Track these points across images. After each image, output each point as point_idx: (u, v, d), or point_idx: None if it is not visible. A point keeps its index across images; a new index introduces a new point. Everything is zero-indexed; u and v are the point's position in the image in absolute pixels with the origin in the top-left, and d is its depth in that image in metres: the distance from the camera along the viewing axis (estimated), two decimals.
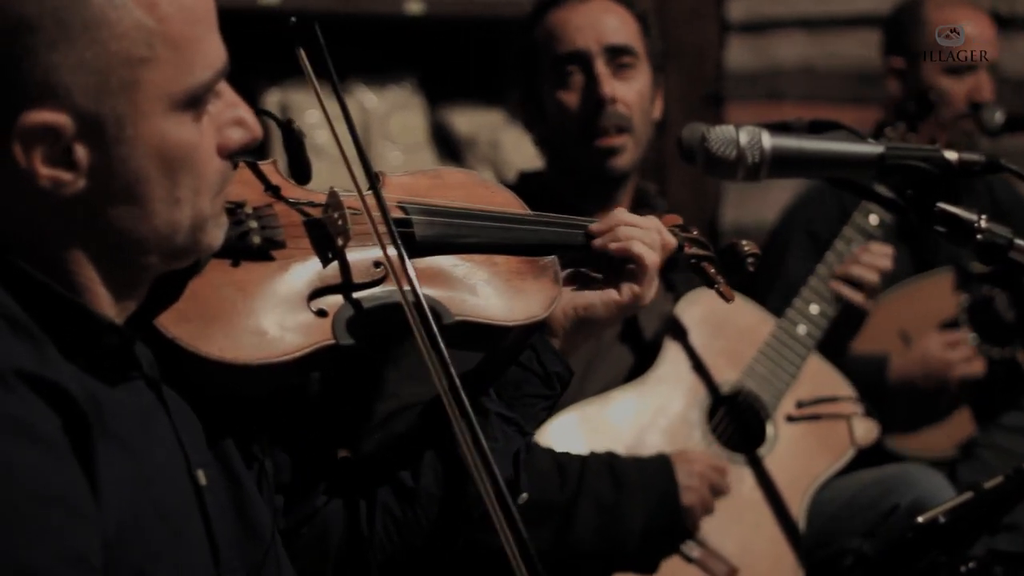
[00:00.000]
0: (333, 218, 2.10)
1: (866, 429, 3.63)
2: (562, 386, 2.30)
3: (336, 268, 2.09)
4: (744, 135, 2.27)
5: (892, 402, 4.11)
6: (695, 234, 2.49)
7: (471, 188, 2.32)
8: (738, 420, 3.52)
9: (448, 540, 2.26)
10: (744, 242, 2.51)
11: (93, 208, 1.82)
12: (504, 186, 2.39)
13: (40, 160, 1.78)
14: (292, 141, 2.18)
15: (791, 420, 3.57)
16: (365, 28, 4.75)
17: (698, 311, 3.55)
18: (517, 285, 2.22)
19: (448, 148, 5.12)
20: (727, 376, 3.53)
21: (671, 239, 2.35)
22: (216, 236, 1.94)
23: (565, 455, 3.14)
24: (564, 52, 3.47)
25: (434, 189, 2.27)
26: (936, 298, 4.27)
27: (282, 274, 2.05)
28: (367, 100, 4.92)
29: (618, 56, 3.46)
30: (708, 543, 3.36)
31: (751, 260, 2.49)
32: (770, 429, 3.54)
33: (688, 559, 3.33)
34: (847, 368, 3.80)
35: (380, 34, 4.91)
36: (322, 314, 2.04)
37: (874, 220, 3.81)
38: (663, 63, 3.62)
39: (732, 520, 3.41)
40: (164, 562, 1.84)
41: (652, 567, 3.25)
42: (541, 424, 2.31)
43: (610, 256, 2.30)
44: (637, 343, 3.49)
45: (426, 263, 2.16)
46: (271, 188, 2.14)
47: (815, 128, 2.51)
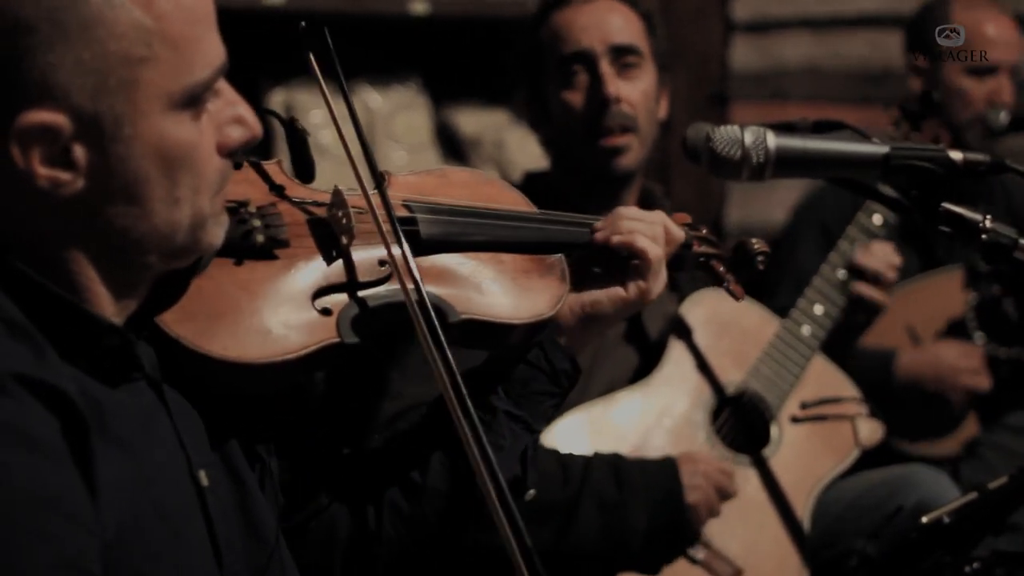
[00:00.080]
0: (337, 217, 2.10)
1: (871, 430, 3.63)
2: (570, 384, 2.30)
3: (341, 267, 2.09)
4: (749, 135, 2.26)
5: (896, 399, 4.11)
6: (704, 232, 2.49)
7: (476, 187, 2.32)
8: (742, 421, 3.52)
9: (455, 536, 2.26)
10: (754, 240, 2.51)
11: (92, 208, 1.82)
12: (510, 185, 2.40)
13: (38, 160, 1.78)
14: (295, 139, 2.18)
15: (795, 421, 3.57)
16: (370, 28, 4.75)
17: (702, 312, 3.55)
18: (523, 283, 2.22)
19: (452, 148, 5.12)
20: (732, 377, 3.53)
21: (678, 232, 2.35)
22: (216, 235, 1.93)
23: (569, 455, 3.14)
24: (569, 52, 3.47)
25: (439, 188, 2.27)
26: (945, 296, 4.27)
27: (286, 273, 2.04)
28: (371, 100, 4.92)
29: (623, 56, 3.46)
30: (713, 544, 3.36)
31: (761, 258, 2.49)
32: (774, 430, 3.54)
33: (693, 560, 3.33)
34: (854, 361, 3.81)
35: (385, 34, 4.91)
36: (327, 313, 2.04)
37: (878, 220, 3.81)
38: (668, 63, 3.62)
39: (737, 521, 3.40)
40: (164, 563, 1.84)
41: (656, 568, 3.25)
42: (549, 421, 2.32)
43: (615, 252, 2.30)
44: (642, 344, 3.49)
45: (432, 261, 2.16)
46: (275, 187, 2.14)
47: (820, 128, 2.51)
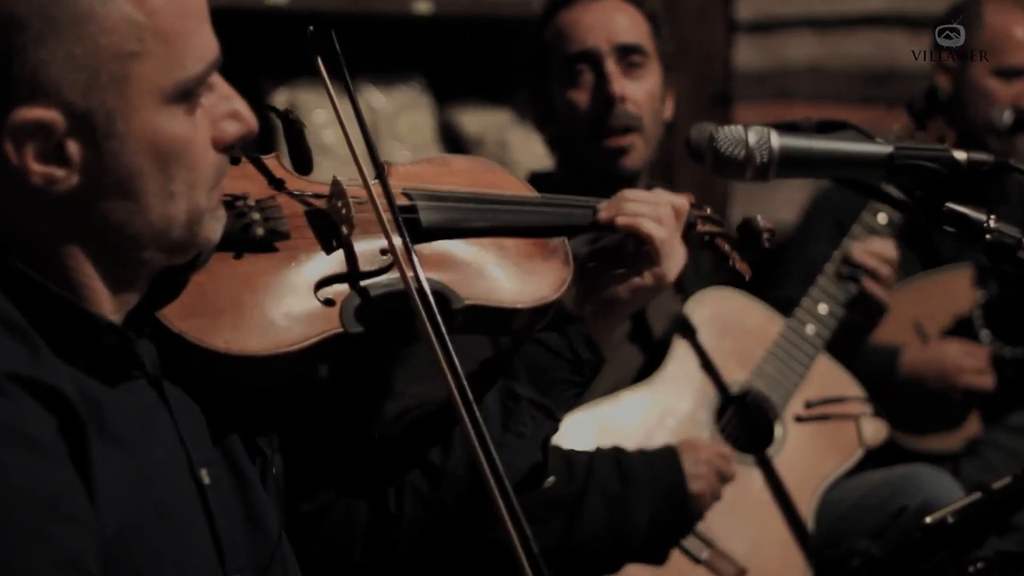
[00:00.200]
0: (337, 207, 2.10)
1: (875, 429, 3.62)
2: (592, 373, 2.31)
3: (342, 257, 2.09)
4: (753, 135, 2.26)
5: (899, 394, 4.11)
6: (708, 212, 2.49)
7: (477, 173, 2.33)
8: (747, 420, 3.52)
9: (475, 520, 2.26)
10: (759, 217, 2.51)
11: (87, 204, 1.82)
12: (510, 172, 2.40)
13: (32, 157, 1.78)
14: (291, 131, 2.19)
15: (800, 420, 3.57)
16: (373, 28, 4.75)
17: (707, 311, 3.55)
18: (526, 267, 2.23)
19: (456, 148, 5.11)
20: (736, 376, 3.53)
21: (684, 206, 2.34)
22: (214, 230, 1.93)
23: (572, 451, 3.15)
24: (574, 51, 3.47)
25: (440, 175, 2.28)
26: (953, 293, 4.27)
27: (287, 265, 2.05)
28: (375, 100, 4.92)
29: (628, 55, 3.46)
30: (717, 544, 3.36)
31: (767, 235, 2.49)
32: (779, 430, 3.54)
33: (697, 560, 3.33)
34: (859, 356, 3.81)
35: (388, 34, 4.90)
36: (329, 303, 2.04)
37: (883, 219, 3.81)
38: (674, 63, 3.62)
39: (741, 521, 3.40)
40: (165, 562, 1.84)
41: (661, 558, 3.26)
42: (570, 410, 2.33)
43: (625, 242, 2.30)
44: (646, 343, 3.49)
45: (433, 248, 2.17)
46: (274, 181, 2.14)
47: (824, 128, 2.50)
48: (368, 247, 2.10)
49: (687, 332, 3.51)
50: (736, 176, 2.29)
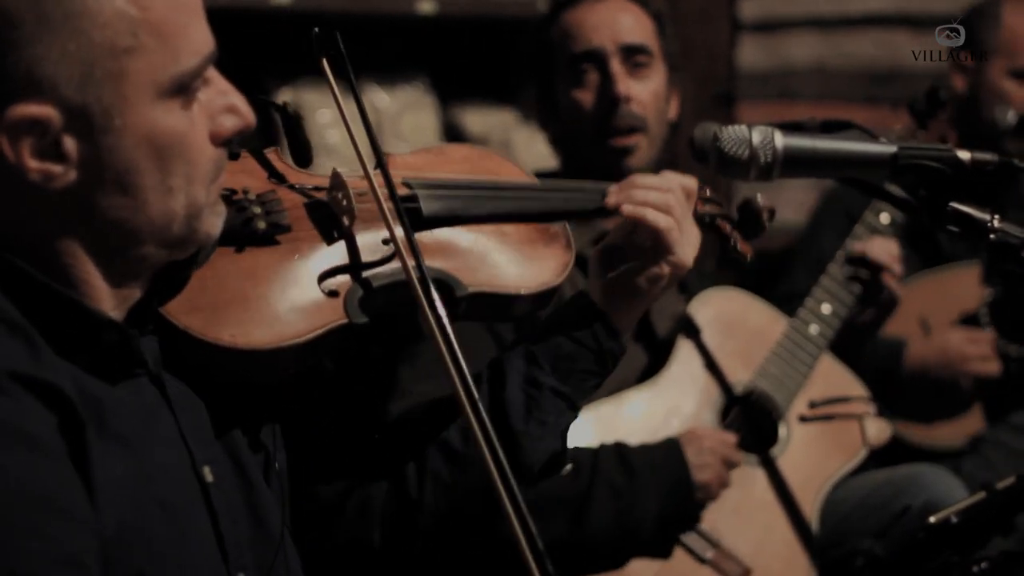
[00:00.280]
0: (338, 198, 2.11)
1: (879, 429, 3.62)
2: (613, 364, 2.32)
3: (344, 248, 2.10)
4: (757, 135, 2.26)
5: (905, 387, 4.11)
6: (708, 193, 2.49)
7: (476, 161, 2.33)
8: (751, 421, 3.52)
9: (494, 508, 2.26)
10: (758, 196, 2.51)
11: (86, 200, 1.82)
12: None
13: (29, 154, 1.78)
14: (289, 123, 2.19)
15: (804, 420, 3.57)
16: (377, 28, 4.74)
17: (711, 311, 3.55)
18: (528, 253, 2.23)
19: None
20: (740, 376, 3.53)
21: (694, 187, 2.34)
22: (214, 225, 1.94)
23: (576, 448, 3.15)
24: (579, 51, 3.47)
25: (438, 164, 2.29)
26: (960, 290, 4.27)
27: (290, 257, 2.05)
28: (379, 100, 4.92)
29: (633, 55, 3.46)
30: (722, 544, 3.36)
31: (767, 215, 2.49)
32: (783, 430, 3.53)
33: (702, 560, 3.33)
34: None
35: (392, 34, 4.90)
36: (333, 295, 2.05)
37: (885, 219, 3.81)
38: (679, 63, 3.62)
39: (745, 521, 3.40)
40: (167, 561, 1.84)
41: (668, 551, 3.26)
42: (587, 399, 2.34)
43: (635, 232, 2.30)
44: (650, 343, 3.49)
45: (435, 237, 2.17)
46: (274, 175, 2.14)
47: (827, 128, 2.51)
48: (370, 237, 2.11)
49: (691, 332, 3.50)
50: (740, 176, 2.29)
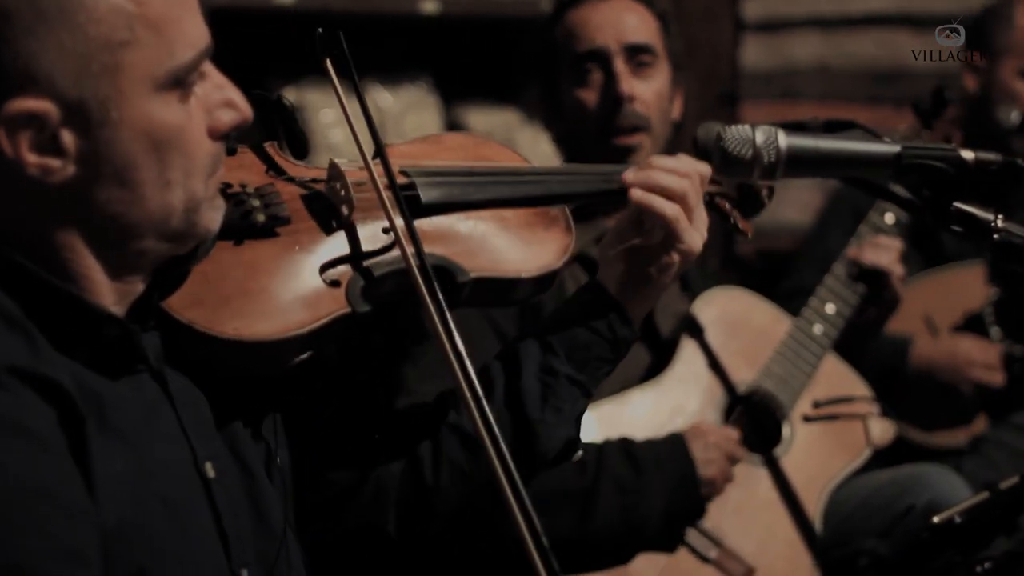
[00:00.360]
0: (336, 189, 2.12)
1: (882, 429, 3.62)
2: (625, 351, 2.33)
3: (344, 238, 2.10)
4: (760, 134, 2.26)
5: (909, 386, 4.11)
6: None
7: (471, 148, 2.34)
8: (755, 420, 3.52)
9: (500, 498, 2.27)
10: None
11: (84, 194, 1.82)
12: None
13: (27, 148, 1.79)
14: (284, 116, 2.19)
15: (807, 420, 3.57)
16: (380, 27, 4.75)
17: (714, 311, 3.55)
18: (528, 237, 2.24)
19: None
20: (744, 376, 3.53)
21: (708, 172, 2.33)
22: (212, 219, 1.94)
23: (582, 444, 3.16)
24: (583, 50, 3.47)
25: (435, 153, 2.30)
26: (966, 289, 4.27)
27: (290, 249, 2.06)
28: (382, 99, 4.92)
29: (637, 55, 3.46)
30: (725, 543, 3.36)
31: (767, 193, 2.48)
32: (786, 429, 3.53)
33: (705, 559, 3.33)
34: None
35: (395, 33, 4.90)
36: (335, 284, 2.05)
37: (890, 219, 3.81)
38: (683, 63, 3.62)
39: (749, 520, 3.40)
40: (169, 557, 1.85)
41: (673, 546, 3.27)
42: (598, 386, 2.34)
43: (642, 218, 2.30)
44: (653, 342, 3.49)
45: (435, 224, 2.18)
46: (271, 168, 2.15)
47: (830, 127, 2.50)
48: (370, 227, 2.12)
49: (695, 332, 3.50)
50: (743, 176, 2.29)
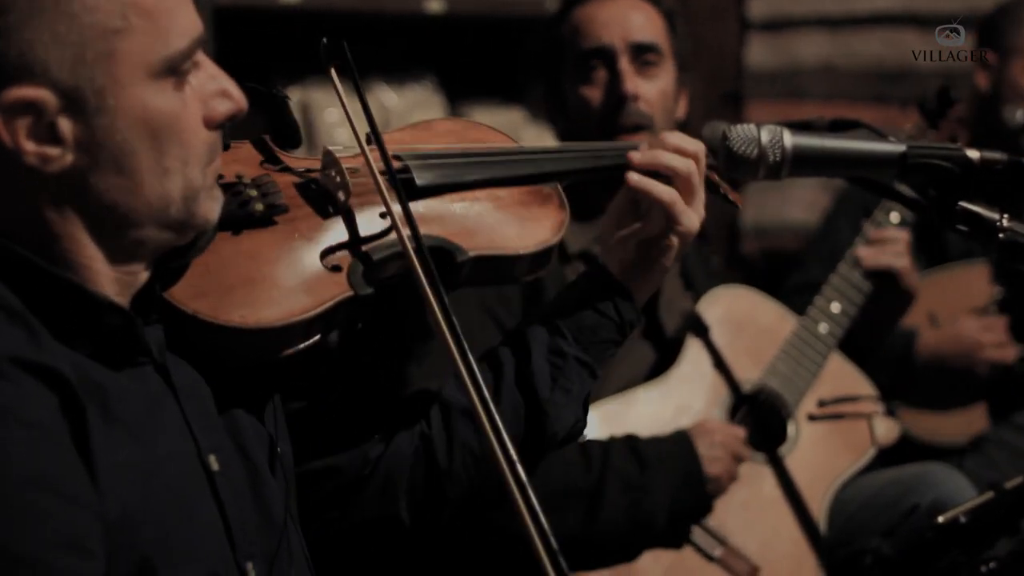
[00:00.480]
0: (331, 176, 2.14)
1: (887, 428, 3.62)
2: (630, 331, 2.35)
3: (342, 224, 2.13)
4: (765, 133, 2.26)
5: (918, 377, 4.11)
6: None
7: (462, 131, 2.37)
8: (760, 419, 3.52)
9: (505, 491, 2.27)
10: None
11: (83, 183, 1.84)
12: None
13: (25, 137, 1.80)
14: (276, 106, 2.21)
15: (813, 419, 3.57)
16: (385, 27, 4.75)
17: (719, 309, 3.55)
18: (524, 214, 2.27)
19: None
20: (749, 375, 3.53)
21: (698, 148, 2.34)
22: (211, 208, 1.96)
23: (587, 440, 3.16)
24: (589, 48, 3.48)
25: (426, 138, 2.33)
26: (971, 287, 4.27)
27: (290, 237, 2.08)
28: (387, 99, 4.92)
29: (643, 54, 3.46)
30: (730, 541, 3.36)
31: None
32: (791, 428, 3.53)
33: (710, 558, 3.33)
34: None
35: (400, 32, 4.90)
36: (336, 269, 2.08)
37: (895, 218, 3.81)
38: (689, 63, 3.62)
39: (754, 519, 3.40)
40: (172, 548, 1.85)
41: (679, 542, 3.27)
42: (603, 367, 2.36)
43: (639, 202, 2.31)
44: (658, 340, 3.49)
45: (431, 206, 2.21)
46: (267, 160, 2.18)
47: (836, 127, 2.51)
48: (366, 212, 2.14)
49: (700, 330, 3.51)
50: (748, 175, 2.29)
